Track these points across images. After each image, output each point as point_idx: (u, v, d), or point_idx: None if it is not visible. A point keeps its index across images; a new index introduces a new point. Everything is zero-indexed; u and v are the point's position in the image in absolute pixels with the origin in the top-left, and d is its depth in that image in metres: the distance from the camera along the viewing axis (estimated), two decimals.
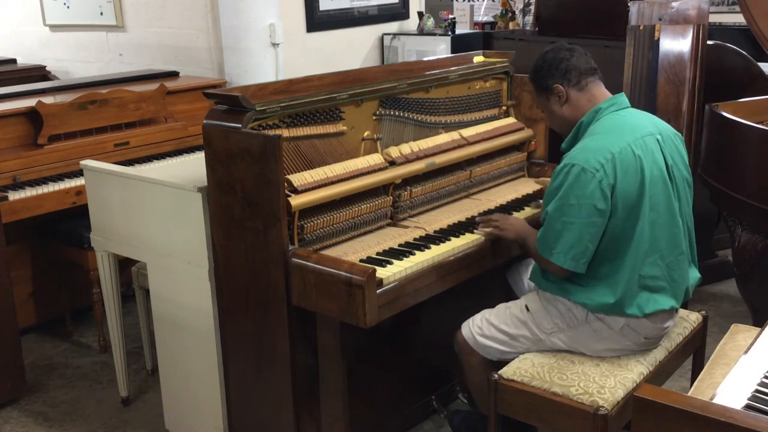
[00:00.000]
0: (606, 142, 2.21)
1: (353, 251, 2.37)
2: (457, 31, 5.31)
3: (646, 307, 2.24)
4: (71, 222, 3.54)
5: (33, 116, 3.61)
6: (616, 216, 2.18)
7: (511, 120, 3.15)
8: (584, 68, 2.36)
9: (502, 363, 2.38)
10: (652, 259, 2.23)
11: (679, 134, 2.41)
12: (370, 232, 2.55)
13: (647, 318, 2.27)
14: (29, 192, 3.40)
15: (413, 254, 2.34)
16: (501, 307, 2.48)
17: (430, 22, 5.37)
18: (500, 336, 2.41)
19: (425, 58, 3.48)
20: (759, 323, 2.90)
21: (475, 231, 2.54)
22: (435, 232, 2.55)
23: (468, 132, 2.93)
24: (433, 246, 2.41)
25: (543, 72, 2.39)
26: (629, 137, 2.22)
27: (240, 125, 2.23)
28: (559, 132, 2.47)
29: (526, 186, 3.06)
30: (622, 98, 2.38)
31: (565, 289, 2.30)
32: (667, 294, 2.28)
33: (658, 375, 2.37)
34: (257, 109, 2.26)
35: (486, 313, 2.48)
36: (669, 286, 2.28)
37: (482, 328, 2.44)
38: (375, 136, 2.64)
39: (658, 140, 2.28)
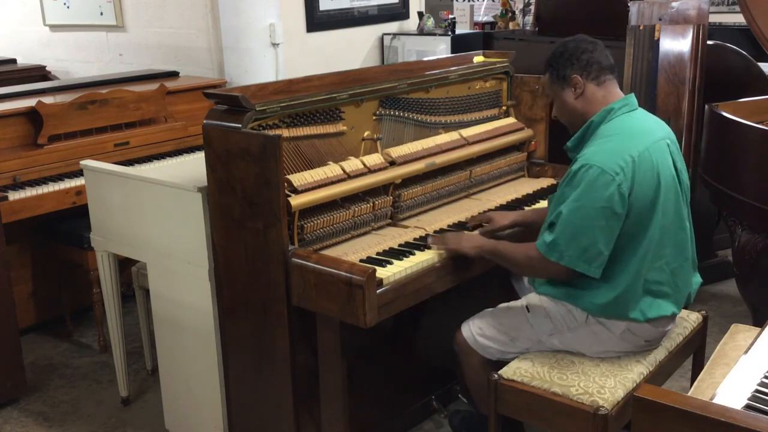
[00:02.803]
0: (625, 144, 2.17)
1: (353, 251, 2.37)
2: (457, 31, 5.31)
3: (649, 312, 2.23)
4: (71, 222, 3.54)
5: (33, 116, 3.61)
6: (627, 219, 2.15)
7: (511, 120, 3.15)
8: (605, 64, 2.30)
9: (502, 363, 2.38)
10: (658, 264, 2.21)
11: (674, 134, 2.38)
12: (370, 232, 2.55)
13: (649, 323, 2.26)
14: (29, 192, 3.40)
15: (413, 254, 2.34)
16: (501, 307, 2.48)
17: (430, 22, 5.37)
18: (500, 336, 2.40)
19: (425, 58, 3.48)
20: (759, 323, 2.90)
21: (429, 243, 2.40)
22: (435, 232, 2.55)
23: (468, 132, 2.93)
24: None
25: (563, 60, 2.31)
26: (646, 141, 2.19)
27: (240, 125, 2.23)
28: (566, 124, 2.41)
29: (526, 186, 3.06)
30: (633, 99, 2.33)
31: (567, 293, 2.28)
32: (669, 300, 2.27)
33: (658, 375, 2.37)
34: (257, 109, 2.26)
35: (486, 314, 2.47)
36: (672, 292, 2.27)
37: (482, 328, 2.44)
38: (375, 136, 2.64)
39: (668, 145, 2.26)
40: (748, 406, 1.46)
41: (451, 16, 5.33)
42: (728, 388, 1.53)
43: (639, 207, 2.15)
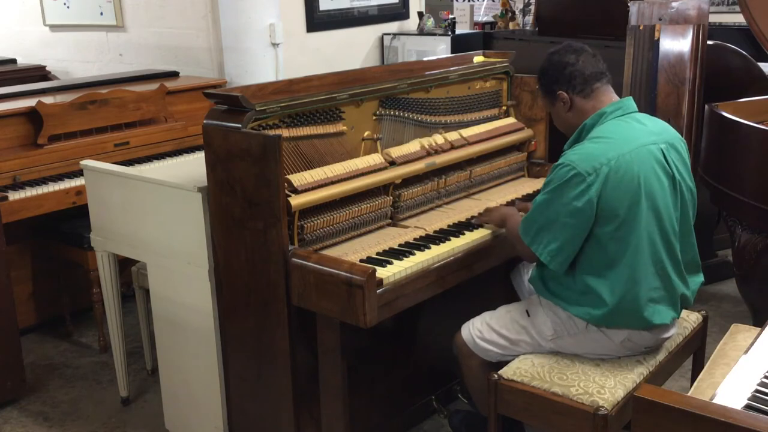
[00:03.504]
0: (605, 148, 2.17)
1: (353, 251, 2.37)
2: (457, 31, 5.31)
3: (653, 319, 2.22)
4: (71, 222, 3.54)
5: (33, 116, 3.60)
6: (608, 225, 2.15)
7: (511, 120, 3.15)
8: (590, 73, 2.29)
9: (502, 364, 2.38)
10: (653, 270, 2.20)
11: (683, 140, 2.36)
12: (370, 232, 2.55)
13: (649, 331, 2.26)
14: (29, 192, 3.40)
15: (413, 254, 2.34)
16: (501, 310, 2.48)
17: (430, 22, 5.37)
18: (500, 340, 2.40)
19: (425, 58, 3.48)
20: (759, 323, 2.90)
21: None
22: (435, 232, 2.55)
23: (468, 132, 2.93)
24: (433, 246, 2.41)
25: (548, 76, 2.34)
26: (631, 145, 2.18)
27: (240, 125, 2.23)
28: (564, 133, 2.42)
29: (526, 186, 3.06)
30: (629, 102, 2.33)
31: (565, 300, 2.28)
32: (667, 304, 2.26)
33: (658, 375, 2.37)
34: (257, 109, 2.26)
35: (486, 317, 2.47)
36: (668, 294, 2.26)
37: (482, 331, 2.43)
38: (375, 136, 2.64)
39: (662, 150, 2.23)
40: (748, 406, 1.46)
41: (451, 16, 5.33)
42: (728, 388, 1.53)
43: (617, 211, 2.14)
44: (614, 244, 2.17)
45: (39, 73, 5.40)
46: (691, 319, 2.57)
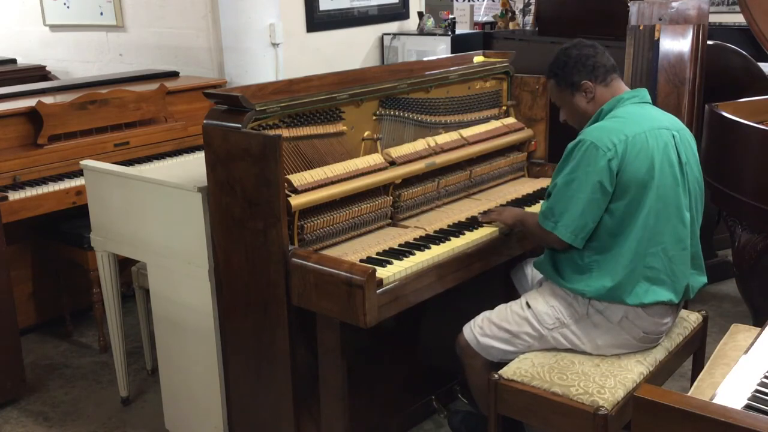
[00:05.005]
0: (622, 125, 2.26)
1: (353, 251, 2.37)
2: (457, 31, 5.31)
3: (645, 297, 2.25)
4: (71, 222, 3.54)
5: (33, 116, 3.61)
6: (621, 199, 2.22)
7: (511, 120, 3.15)
8: (609, 65, 2.41)
9: (504, 365, 2.38)
10: (654, 249, 2.24)
11: (693, 137, 2.43)
12: (370, 232, 2.55)
13: (645, 310, 2.27)
14: (29, 192, 3.40)
15: (413, 254, 2.34)
16: (501, 306, 2.49)
17: (430, 22, 5.37)
18: (502, 334, 2.41)
19: (425, 58, 3.48)
20: (759, 323, 2.90)
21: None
22: (435, 232, 2.55)
23: (468, 132, 2.93)
24: (433, 246, 2.41)
25: (569, 68, 2.40)
26: (645, 125, 2.27)
27: (240, 125, 2.23)
28: (577, 127, 2.47)
29: (526, 186, 3.06)
30: (644, 92, 2.43)
31: (570, 277, 2.31)
32: (666, 287, 2.28)
33: (658, 375, 2.37)
34: (257, 109, 2.26)
35: (486, 314, 2.48)
36: (669, 279, 2.28)
37: (483, 327, 2.44)
38: (375, 136, 2.64)
39: (674, 136, 2.31)
40: (748, 406, 1.46)
41: (451, 16, 5.33)
42: (728, 388, 1.53)
43: (630, 186, 2.21)
44: (622, 218, 2.23)
45: (39, 73, 5.40)
46: (691, 319, 2.57)
